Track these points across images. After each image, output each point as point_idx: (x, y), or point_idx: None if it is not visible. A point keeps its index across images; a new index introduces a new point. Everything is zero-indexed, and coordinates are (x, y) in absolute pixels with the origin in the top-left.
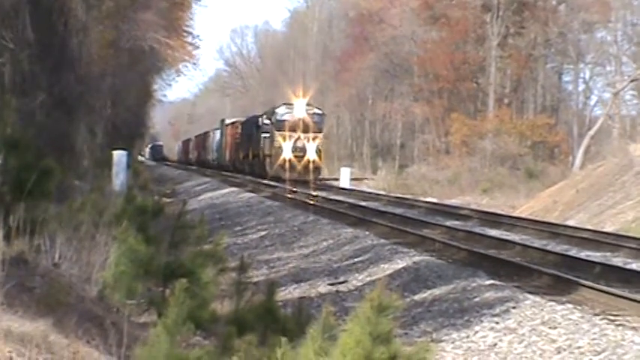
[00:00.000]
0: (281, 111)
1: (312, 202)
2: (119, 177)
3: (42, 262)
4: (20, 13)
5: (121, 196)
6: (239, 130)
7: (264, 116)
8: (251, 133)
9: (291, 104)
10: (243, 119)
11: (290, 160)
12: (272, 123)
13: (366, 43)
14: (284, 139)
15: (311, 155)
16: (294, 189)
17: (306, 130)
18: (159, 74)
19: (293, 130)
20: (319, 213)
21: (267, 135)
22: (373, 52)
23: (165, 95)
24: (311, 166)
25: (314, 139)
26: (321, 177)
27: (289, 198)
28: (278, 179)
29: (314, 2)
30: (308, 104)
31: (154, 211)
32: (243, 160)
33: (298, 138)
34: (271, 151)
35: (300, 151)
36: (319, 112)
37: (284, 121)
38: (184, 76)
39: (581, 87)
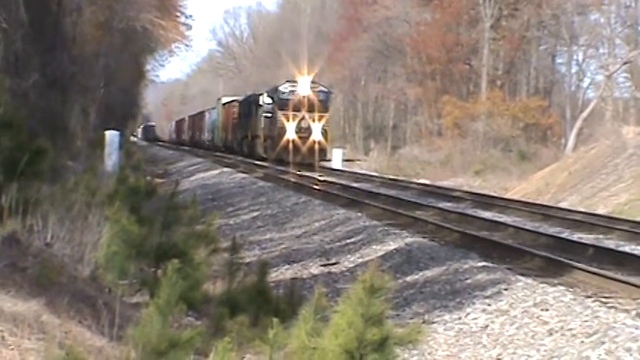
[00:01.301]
0: (284, 89)
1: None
2: (112, 157)
3: (34, 242)
4: None
5: (113, 176)
6: (237, 110)
7: (265, 94)
8: (250, 113)
9: (294, 82)
10: (241, 98)
11: (294, 142)
12: (274, 102)
13: (359, 25)
14: (287, 119)
15: (316, 136)
16: (299, 172)
17: (311, 110)
18: (152, 55)
19: (297, 109)
20: (311, 194)
21: (269, 115)
22: (366, 34)
23: (157, 76)
24: (316, 147)
25: (320, 118)
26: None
27: (282, 179)
28: (280, 162)
29: None
30: (313, 82)
31: (147, 191)
32: (242, 141)
33: (303, 118)
34: (273, 131)
35: (304, 132)
36: (325, 89)
37: (287, 99)
38: (177, 56)
39: (574, 69)
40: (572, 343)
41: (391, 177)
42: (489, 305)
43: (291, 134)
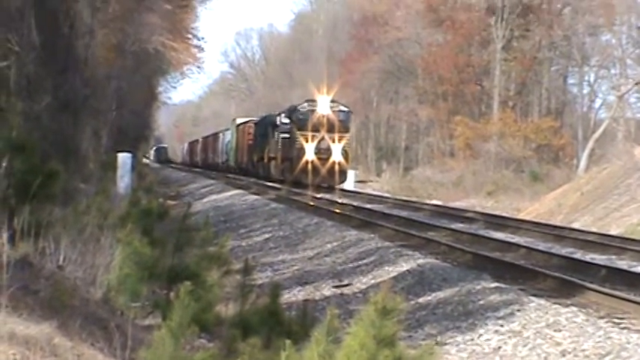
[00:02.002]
0: (303, 108)
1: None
2: (124, 179)
3: (47, 265)
4: (25, 15)
5: (125, 198)
6: (252, 131)
7: (283, 115)
8: (266, 134)
9: (314, 101)
10: (257, 119)
11: (313, 163)
12: (292, 122)
13: (370, 46)
14: (306, 139)
15: (336, 157)
16: (318, 195)
17: (330, 130)
18: (164, 77)
19: (316, 129)
20: (324, 215)
21: (287, 135)
22: (377, 55)
23: (170, 98)
24: (337, 169)
25: (340, 139)
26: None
27: (294, 200)
28: (298, 184)
29: (319, 5)
30: (332, 101)
31: (159, 213)
32: (258, 162)
33: (322, 138)
34: (291, 153)
35: (324, 153)
36: (345, 109)
37: (306, 119)
38: (189, 78)
39: (586, 90)
40: None
41: (403, 198)
42: (502, 326)
43: (310, 155)
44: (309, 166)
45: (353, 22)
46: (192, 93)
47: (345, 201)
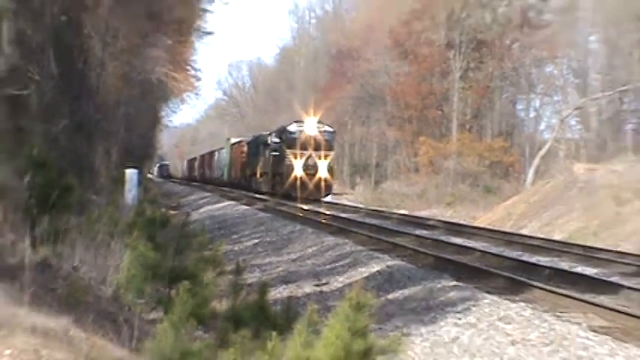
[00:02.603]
0: (292, 129)
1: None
2: (131, 192)
3: (64, 267)
4: (45, 49)
5: (132, 209)
6: (245, 149)
7: (273, 134)
8: (257, 152)
9: (301, 122)
10: (249, 138)
11: (301, 178)
12: (282, 141)
13: (344, 76)
14: (295, 157)
15: (322, 173)
16: (306, 208)
17: (317, 148)
18: (166, 103)
19: (304, 148)
20: (305, 223)
21: (277, 153)
22: (351, 84)
23: (171, 121)
24: (323, 184)
25: (325, 156)
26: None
27: (279, 210)
28: (287, 197)
29: (301, 41)
30: (319, 122)
31: (161, 221)
32: (250, 177)
33: (310, 156)
34: (282, 169)
35: (311, 169)
36: (330, 129)
37: (295, 138)
38: (188, 104)
39: (532, 114)
40: (532, 352)
41: (374, 208)
42: (460, 319)
43: (298, 171)
44: (298, 181)
45: (330, 55)
46: (191, 117)
47: (323, 210)
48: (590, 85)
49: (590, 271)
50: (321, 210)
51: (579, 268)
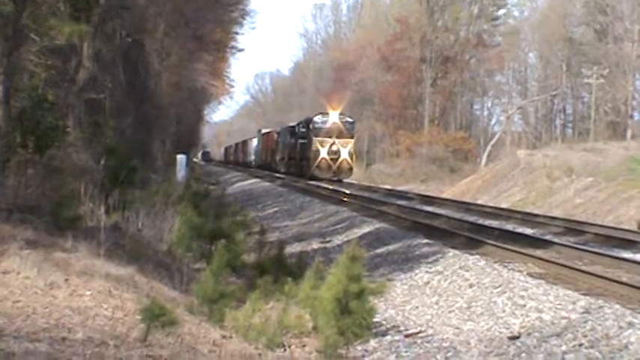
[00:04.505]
0: (318, 119)
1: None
2: (181, 172)
3: (130, 229)
4: (116, 64)
5: (182, 184)
6: (275, 138)
7: (300, 125)
8: (286, 140)
9: (326, 114)
10: (278, 129)
11: (327, 162)
12: (310, 130)
13: (343, 84)
14: (321, 144)
15: (345, 157)
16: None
17: (340, 136)
18: (207, 104)
19: (329, 136)
20: (313, 195)
21: (304, 141)
22: (348, 89)
23: (211, 118)
24: (345, 166)
25: (347, 143)
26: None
27: (294, 186)
28: (315, 178)
29: (310, 56)
30: (341, 113)
31: (204, 194)
32: (279, 161)
33: (333, 143)
34: (309, 154)
35: (335, 154)
36: (350, 120)
37: (320, 128)
38: (224, 105)
39: (485, 112)
40: (485, 292)
41: (366, 184)
42: (430, 268)
43: (324, 156)
44: (324, 164)
45: (332, 68)
46: (226, 115)
47: (326, 185)
48: (529, 90)
49: (529, 231)
50: (325, 185)
51: (521, 229)
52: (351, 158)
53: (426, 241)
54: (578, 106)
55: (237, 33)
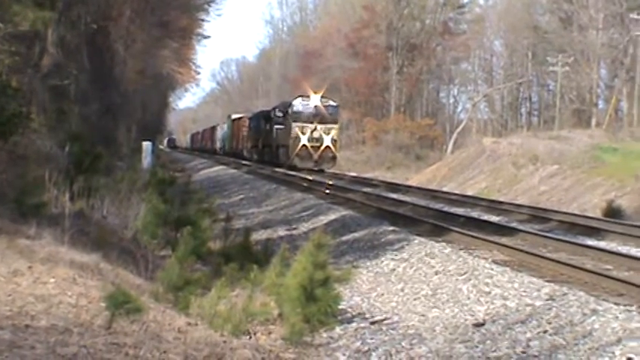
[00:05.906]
0: (297, 103)
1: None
2: (146, 159)
3: (95, 215)
4: (81, 50)
5: (147, 171)
6: (246, 124)
7: (277, 110)
8: (259, 126)
9: (307, 96)
10: (249, 114)
11: (307, 150)
12: (288, 115)
13: (309, 70)
14: (301, 130)
15: (327, 144)
16: (310, 178)
17: (322, 122)
18: (173, 91)
19: (310, 121)
20: (279, 183)
21: (281, 127)
22: (315, 76)
23: (177, 105)
24: (328, 155)
25: (330, 130)
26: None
27: (260, 173)
28: (294, 168)
29: (276, 43)
30: (323, 96)
31: (169, 181)
32: (252, 149)
33: (315, 129)
34: (288, 141)
35: (316, 142)
36: (334, 103)
37: (301, 112)
38: (189, 92)
39: (452, 100)
40: (450, 279)
41: (331, 171)
42: (396, 255)
43: (305, 143)
44: (304, 152)
45: (299, 54)
46: (192, 102)
47: (292, 173)
48: (495, 78)
49: (494, 218)
50: (291, 172)
51: (486, 217)
52: (335, 146)
53: (391, 228)
54: (543, 94)
55: (203, 20)
